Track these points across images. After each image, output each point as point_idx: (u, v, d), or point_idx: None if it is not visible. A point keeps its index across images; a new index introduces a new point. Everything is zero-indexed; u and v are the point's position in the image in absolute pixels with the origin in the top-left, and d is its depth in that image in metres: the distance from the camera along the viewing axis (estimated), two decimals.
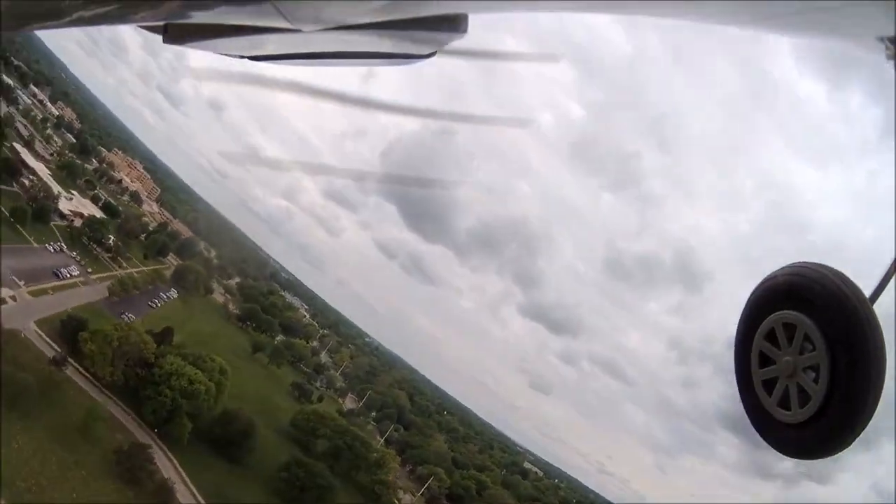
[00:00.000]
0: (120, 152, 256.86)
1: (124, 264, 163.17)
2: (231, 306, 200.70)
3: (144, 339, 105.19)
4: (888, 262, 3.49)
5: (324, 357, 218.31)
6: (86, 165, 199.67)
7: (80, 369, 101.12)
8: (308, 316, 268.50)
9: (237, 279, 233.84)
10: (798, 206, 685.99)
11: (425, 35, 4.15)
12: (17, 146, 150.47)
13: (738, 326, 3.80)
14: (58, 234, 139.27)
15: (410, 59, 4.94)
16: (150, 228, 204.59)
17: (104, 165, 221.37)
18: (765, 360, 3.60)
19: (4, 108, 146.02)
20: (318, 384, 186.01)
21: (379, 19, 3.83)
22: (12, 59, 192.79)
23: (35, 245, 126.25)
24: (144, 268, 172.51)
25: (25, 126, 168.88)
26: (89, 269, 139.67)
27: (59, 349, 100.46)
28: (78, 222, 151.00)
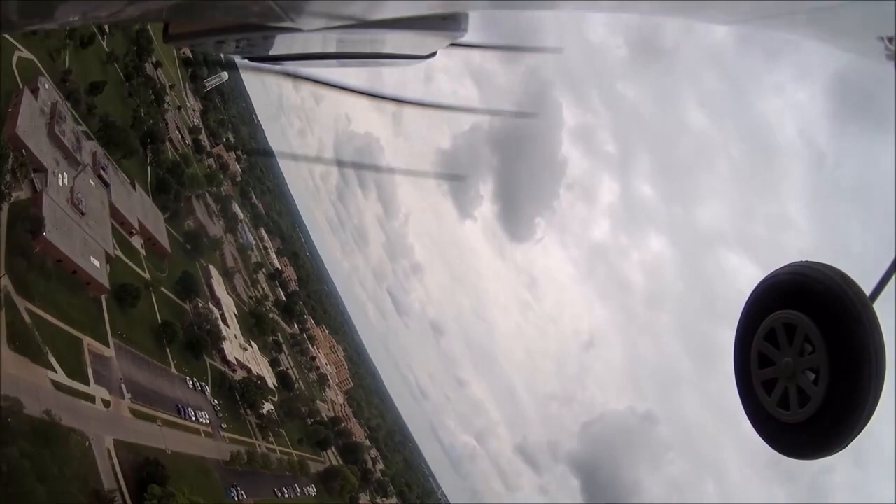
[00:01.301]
0: (326, 331, 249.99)
1: (270, 439, 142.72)
2: None
3: None
4: (888, 261, 3.37)
5: None
6: (285, 327, 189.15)
7: None
8: None
9: (394, 500, 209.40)
10: None
11: (426, 35, 4.18)
12: (213, 269, 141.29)
13: (738, 326, 3.70)
14: (208, 375, 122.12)
15: (411, 59, 4.92)
16: (321, 417, 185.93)
17: (304, 335, 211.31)
18: (764, 361, 3.52)
19: (220, 231, 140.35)
20: None
21: (380, 19, 3.86)
22: (252, 194, 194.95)
23: (173, 370, 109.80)
24: (292, 451, 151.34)
25: (235, 259, 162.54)
26: (224, 425, 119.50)
27: (121, 484, 78.91)
28: (239, 375, 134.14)
